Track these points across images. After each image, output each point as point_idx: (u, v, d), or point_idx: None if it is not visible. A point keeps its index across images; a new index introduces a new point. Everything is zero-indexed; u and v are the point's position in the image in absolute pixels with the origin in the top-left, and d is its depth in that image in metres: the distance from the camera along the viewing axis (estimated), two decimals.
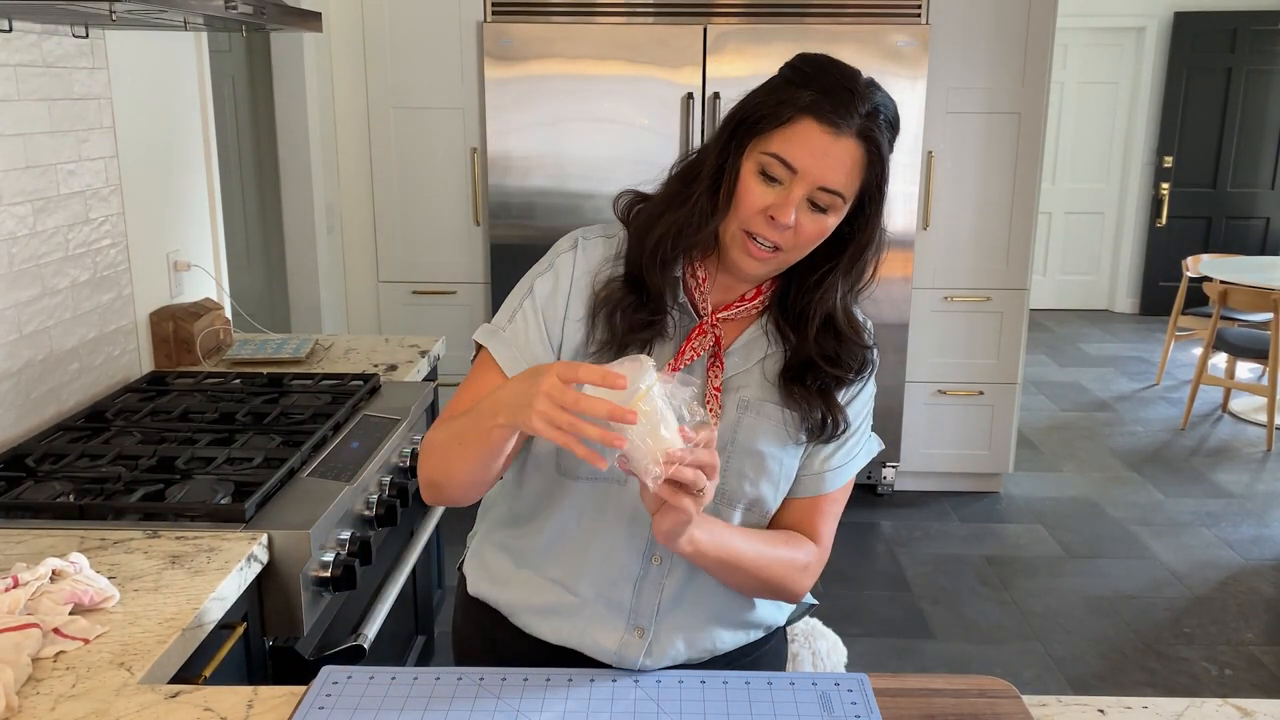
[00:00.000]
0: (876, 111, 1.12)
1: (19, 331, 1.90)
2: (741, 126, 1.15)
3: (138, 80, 2.30)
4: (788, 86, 1.13)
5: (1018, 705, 1.12)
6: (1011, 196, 3.82)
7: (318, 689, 1.13)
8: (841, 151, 1.11)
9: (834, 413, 1.23)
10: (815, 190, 1.12)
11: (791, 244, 1.14)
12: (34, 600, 1.25)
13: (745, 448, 1.20)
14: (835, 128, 1.10)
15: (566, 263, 1.23)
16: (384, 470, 1.92)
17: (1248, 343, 5.06)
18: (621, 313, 1.18)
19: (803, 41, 3.55)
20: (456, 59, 3.69)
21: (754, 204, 1.13)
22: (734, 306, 1.22)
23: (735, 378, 1.22)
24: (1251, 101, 7.09)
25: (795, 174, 1.11)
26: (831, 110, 1.10)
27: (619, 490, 1.19)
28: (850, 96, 1.11)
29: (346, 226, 3.90)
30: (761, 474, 1.21)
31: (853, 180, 1.13)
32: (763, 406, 1.21)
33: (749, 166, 1.13)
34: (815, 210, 1.13)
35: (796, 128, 1.11)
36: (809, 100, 1.11)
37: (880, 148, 1.13)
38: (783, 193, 1.12)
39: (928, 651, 3.02)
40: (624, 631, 1.21)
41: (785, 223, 1.11)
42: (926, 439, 4.04)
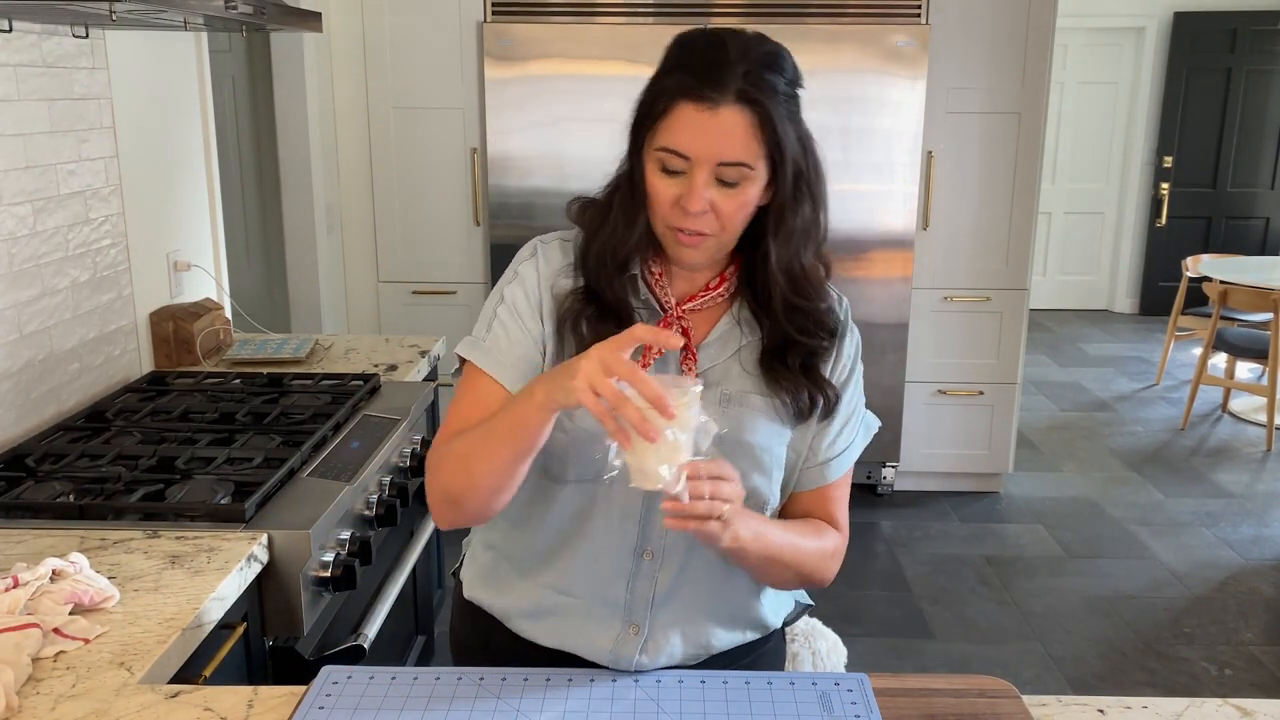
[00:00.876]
0: (753, 70, 1.09)
1: (19, 331, 1.90)
2: (637, 128, 1.15)
3: (138, 80, 2.30)
4: (661, 77, 1.13)
5: (1018, 705, 1.12)
6: (1011, 196, 3.82)
7: (318, 689, 1.13)
8: (725, 123, 1.08)
9: (821, 389, 1.22)
10: (716, 168, 1.10)
11: (717, 226, 1.13)
12: (34, 600, 1.25)
13: (733, 441, 1.19)
14: (710, 102, 1.08)
15: (530, 271, 1.24)
16: (384, 470, 1.92)
17: (1248, 343, 5.06)
18: (586, 323, 1.18)
19: (803, 41, 3.56)
20: (456, 59, 3.69)
21: (663, 200, 1.13)
22: (698, 297, 1.22)
23: (713, 371, 1.21)
24: (1251, 101, 7.09)
25: (689, 160, 1.10)
26: (701, 87, 1.08)
27: (606, 491, 1.19)
28: (717, 67, 1.09)
29: (346, 226, 3.90)
30: (753, 466, 1.20)
31: (751, 145, 1.10)
32: (746, 398, 1.20)
33: (650, 166, 1.13)
34: (726, 186, 1.11)
35: (674, 115, 1.10)
36: (678, 83, 1.10)
37: (766, 106, 1.09)
38: (685, 181, 1.11)
39: (928, 651, 3.02)
40: (619, 629, 1.21)
41: (696, 209, 1.10)
42: (926, 439, 4.04)
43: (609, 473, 1.02)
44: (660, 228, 1.16)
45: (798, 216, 1.16)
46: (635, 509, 1.19)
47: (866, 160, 3.68)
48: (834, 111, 3.63)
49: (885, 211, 3.73)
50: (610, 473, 1.02)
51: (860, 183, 3.70)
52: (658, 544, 1.20)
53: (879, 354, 3.83)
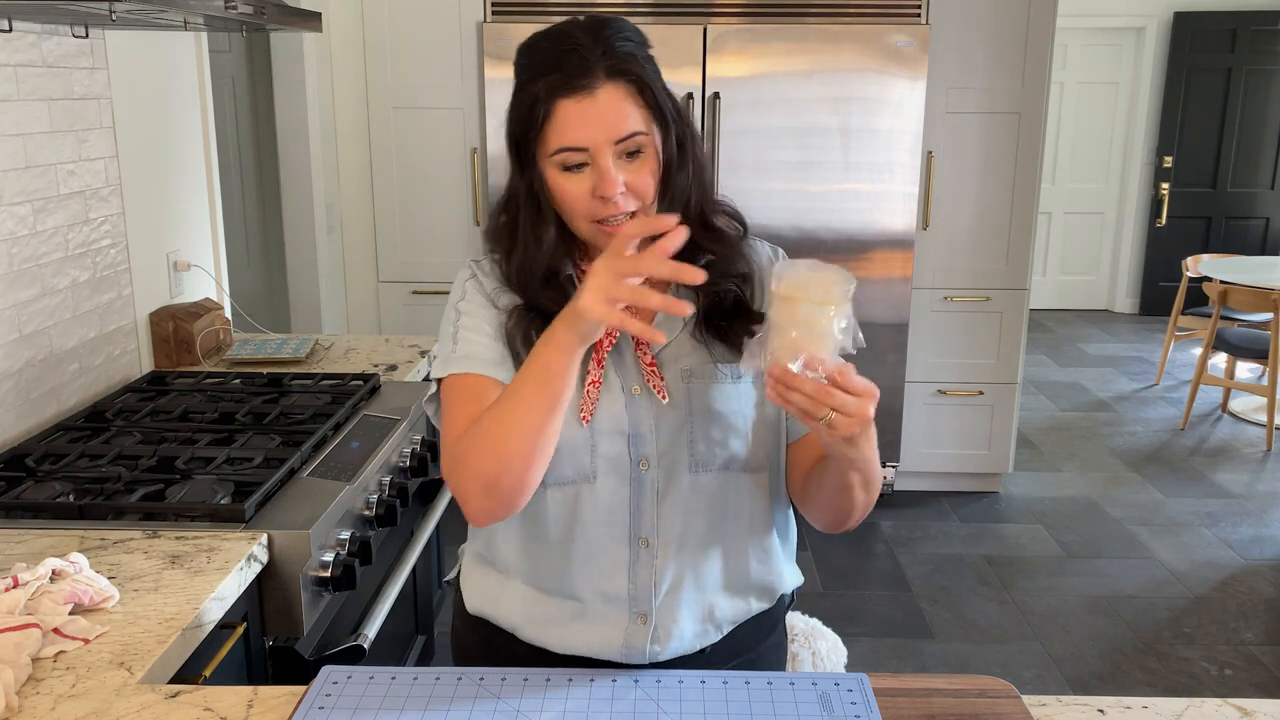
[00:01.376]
0: (609, 46, 1.11)
1: (19, 331, 1.90)
2: (519, 147, 1.16)
3: (138, 80, 2.30)
4: (526, 86, 1.13)
5: (1018, 705, 1.12)
6: (1011, 196, 3.82)
7: (318, 689, 1.13)
8: (607, 102, 1.10)
9: (756, 321, 1.20)
10: (615, 147, 1.11)
11: (635, 200, 1.13)
12: (34, 600, 1.25)
13: (704, 412, 1.20)
14: (586, 90, 1.09)
15: (474, 289, 1.25)
16: (384, 470, 1.92)
17: (1248, 343, 5.06)
18: (535, 333, 1.16)
19: (803, 41, 3.56)
20: (456, 59, 3.69)
21: (578, 198, 1.13)
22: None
23: (667, 349, 1.22)
24: (1251, 101, 7.09)
25: (588, 150, 1.10)
26: (571, 80, 1.09)
27: (590, 487, 1.19)
28: (578, 54, 1.10)
29: (346, 226, 3.90)
30: (728, 431, 1.21)
31: (638, 113, 1.11)
32: (705, 369, 1.21)
33: (551, 174, 1.13)
34: (631, 158, 1.12)
35: (557, 116, 1.10)
36: (547, 86, 1.10)
37: (637, 73, 1.11)
38: (592, 173, 1.11)
39: (928, 651, 3.02)
40: (627, 622, 1.21)
41: (613, 192, 1.10)
42: (926, 439, 4.04)
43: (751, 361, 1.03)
44: (585, 227, 1.15)
45: (683, 173, 1.17)
46: (624, 498, 1.20)
47: (866, 160, 3.68)
48: (834, 111, 3.63)
49: (885, 211, 3.73)
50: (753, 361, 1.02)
51: (860, 183, 3.70)
52: (651, 529, 1.21)
53: (879, 354, 3.84)
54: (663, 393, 1.19)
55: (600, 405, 1.19)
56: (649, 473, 1.20)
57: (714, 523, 1.24)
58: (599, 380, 1.19)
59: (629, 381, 1.20)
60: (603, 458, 1.19)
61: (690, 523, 1.22)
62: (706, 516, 1.23)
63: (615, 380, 1.20)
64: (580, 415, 1.18)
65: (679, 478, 1.21)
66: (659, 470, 1.20)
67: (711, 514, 1.23)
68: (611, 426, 1.19)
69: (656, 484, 1.20)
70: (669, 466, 1.21)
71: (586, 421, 1.18)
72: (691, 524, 1.22)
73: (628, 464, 1.20)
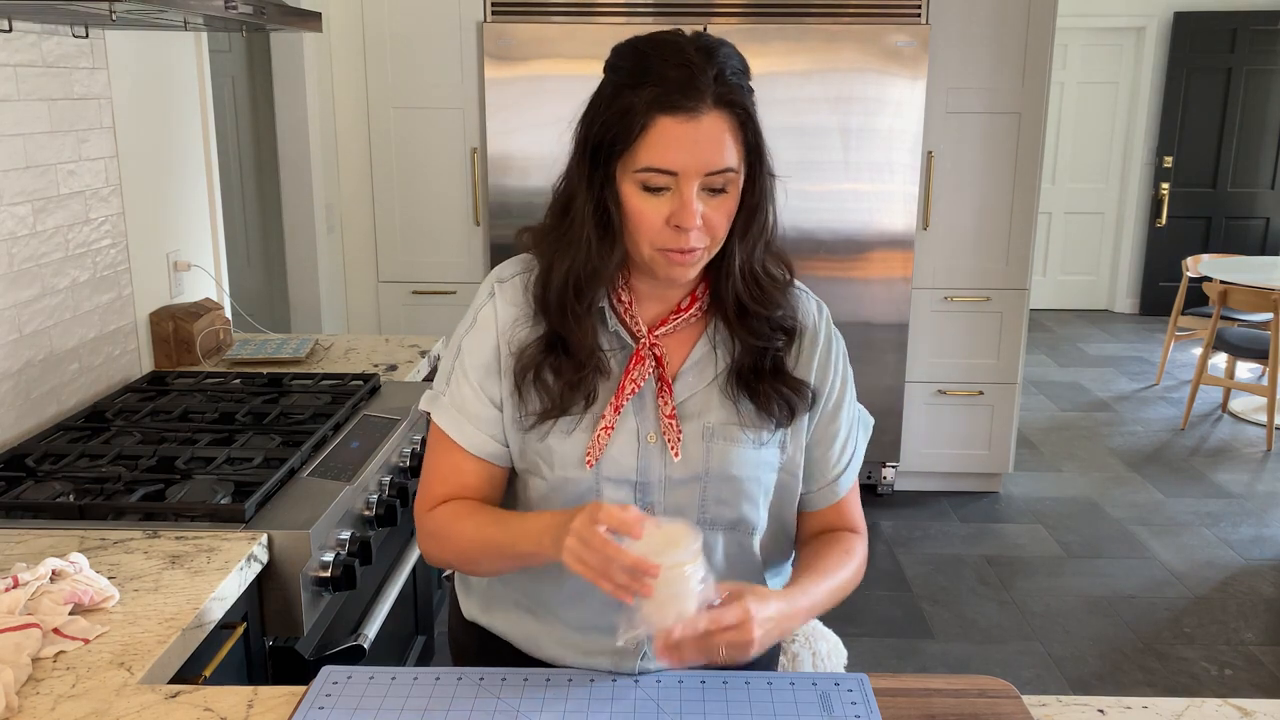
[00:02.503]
0: (722, 72, 1.05)
1: (19, 331, 1.90)
2: (599, 152, 1.08)
3: (138, 80, 2.30)
4: (624, 92, 1.06)
5: (1018, 705, 1.12)
6: (1011, 196, 3.82)
7: (318, 689, 1.13)
8: (709, 130, 1.04)
9: (793, 387, 1.17)
10: (704, 179, 1.06)
11: (708, 238, 1.09)
12: (34, 600, 1.25)
13: (720, 475, 1.16)
14: (692, 112, 1.03)
15: (487, 316, 1.19)
16: (384, 470, 1.92)
17: (1248, 343, 5.06)
18: (549, 371, 1.13)
19: (803, 41, 3.56)
20: (456, 59, 3.69)
21: (652, 222, 1.07)
22: (670, 320, 1.17)
23: (691, 401, 1.16)
24: (1251, 101, 7.09)
25: (676, 175, 1.05)
26: (679, 96, 1.03)
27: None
28: (689, 72, 1.04)
29: (346, 226, 3.90)
30: (740, 496, 1.18)
31: (736, 149, 1.07)
32: (728, 430, 1.16)
33: (628, 190, 1.07)
34: (714, 194, 1.07)
35: (654, 132, 1.04)
36: (651, 97, 1.04)
37: (745, 106, 1.07)
38: (675, 198, 1.06)
39: (928, 651, 3.02)
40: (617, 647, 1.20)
41: (693, 225, 1.06)
42: (926, 439, 4.04)
43: (630, 632, 1.02)
44: (647, 251, 1.09)
45: (763, 216, 1.13)
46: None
47: (866, 160, 3.68)
48: (834, 111, 3.63)
49: (885, 211, 3.73)
50: (633, 631, 1.02)
51: (860, 183, 3.70)
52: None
53: (879, 354, 3.83)
54: (676, 449, 1.15)
55: (610, 451, 1.15)
56: None
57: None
58: (611, 427, 1.14)
59: (645, 428, 1.16)
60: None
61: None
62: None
63: (631, 425, 1.16)
64: (586, 460, 1.14)
65: None
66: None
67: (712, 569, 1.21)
68: (618, 475, 1.16)
69: None
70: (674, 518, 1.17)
71: (591, 466, 1.15)
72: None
73: None
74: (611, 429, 1.14)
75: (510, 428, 1.18)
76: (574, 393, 1.13)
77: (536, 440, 1.16)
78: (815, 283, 1.30)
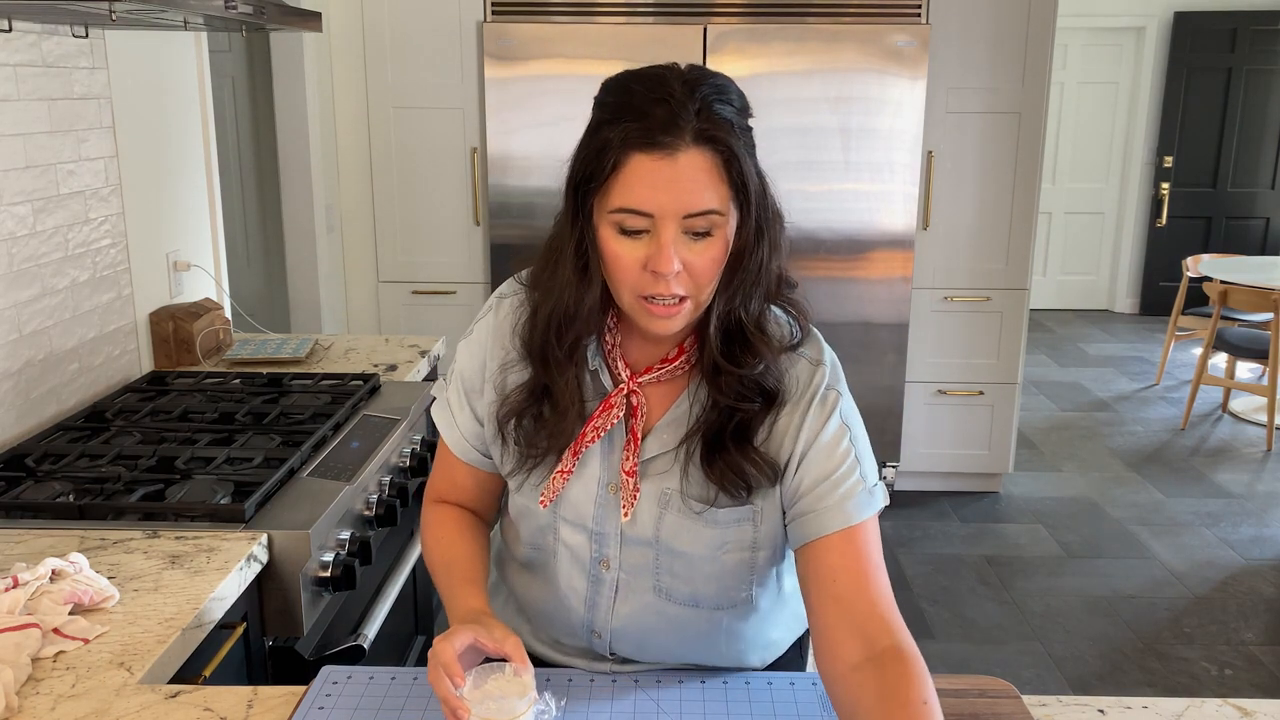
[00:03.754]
0: (706, 106, 0.97)
1: (19, 331, 1.90)
2: (580, 190, 1.01)
3: (138, 80, 2.30)
4: (602, 128, 0.99)
5: (1018, 705, 1.12)
6: (1011, 196, 3.82)
7: (317, 689, 1.13)
8: (688, 169, 0.96)
9: (752, 461, 1.05)
10: (684, 221, 0.97)
11: (692, 287, 1.00)
12: (34, 600, 1.25)
13: (669, 549, 1.11)
14: (668, 149, 0.95)
15: (481, 330, 1.18)
16: (384, 470, 1.92)
17: (1248, 343, 5.06)
18: (529, 417, 1.10)
19: (803, 41, 3.56)
20: (456, 59, 3.69)
21: (629, 267, 0.99)
22: (655, 370, 1.10)
23: (658, 460, 1.10)
24: (1251, 101, 7.09)
25: (652, 218, 0.97)
26: (653, 133, 0.95)
27: (552, 564, 1.18)
28: (668, 107, 0.96)
29: (346, 226, 3.90)
30: (695, 572, 1.12)
31: (719, 189, 0.97)
32: (685, 501, 1.08)
33: (605, 232, 1.00)
34: (697, 239, 0.99)
35: (627, 170, 0.96)
36: (626, 134, 0.96)
37: (729, 143, 0.97)
38: (652, 242, 0.98)
39: (928, 651, 3.00)
40: (584, 639, 1.21)
41: (668, 270, 0.97)
42: (926, 439, 4.04)
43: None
44: (628, 299, 1.02)
45: (754, 262, 1.03)
46: (581, 591, 1.17)
47: (866, 160, 3.68)
48: (834, 111, 3.63)
49: (885, 211, 3.73)
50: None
51: (860, 183, 3.70)
52: (604, 626, 1.18)
53: (879, 354, 3.83)
54: (627, 509, 1.09)
55: (567, 494, 1.12)
56: (609, 573, 1.14)
57: (677, 643, 1.18)
58: (568, 471, 1.10)
59: (608, 477, 1.11)
60: (563, 544, 1.15)
61: (649, 636, 1.17)
62: (668, 637, 1.17)
63: (594, 472, 1.11)
64: (540, 500, 1.12)
65: (642, 594, 1.14)
66: (621, 574, 1.14)
67: (674, 636, 1.17)
68: (575, 519, 1.13)
69: (616, 585, 1.15)
70: (633, 577, 1.14)
71: (544, 505, 1.13)
72: (651, 638, 1.17)
73: (587, 558, 1.14)
74: (568, 474, 1.10)
75: (491, 440, 1.18)
76: (554, 441, 1.10)
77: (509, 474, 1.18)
78: (815, 283, 1.29)
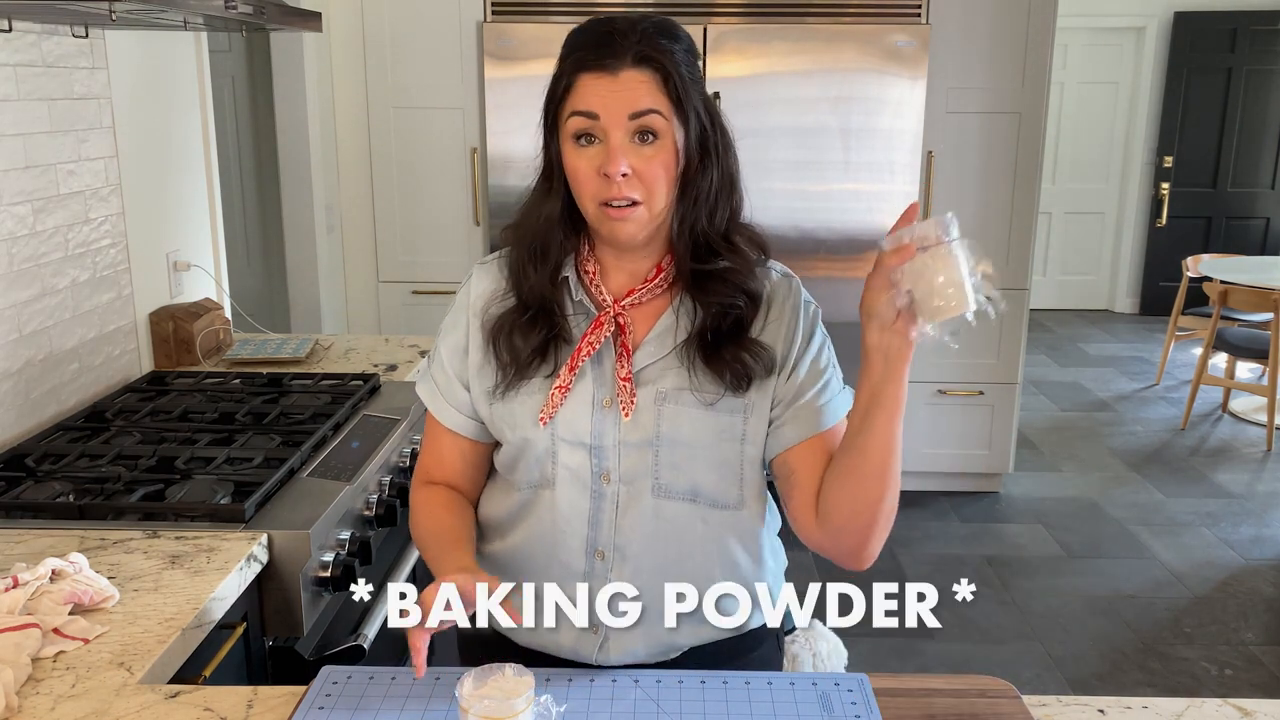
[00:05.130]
0: (646, 36, 1.11)
1: (19, 331, 1.90)
2: (547, 118, 1.16)
3: (138, 80, 2.30)
4: (559, 64, 1.14)
5: (1018, 705, 1.12)
6: (1011, 196, 3.82)
7: (318, 689, 1.13)
8: (628, 82, 1.09)
9: (751, 350, 1.16)
10: (629, 124, 1.10)
11: (643, 191, 1.11)
12: (34, 600, 1.25)
13: (671, 439, 1.17)
14: (609, 69, 1.10)
15: (461, 298, 1.27)
16: (384, 470, 1.92)
17: (1248, 343, 5.06)
18: (517, 332, 1.18)
19: (803, 41, 3.56)
20: (456, 59, 3.69)
21: (586, 174, 1.12)
22: (636, 291, 1.19)
23: (650, 369, 1.18)
24: (1251, 101, 7.09)
25: (598, 120, 1.10)
26: (597, 57, 1.10)
27: (549, 494, 1.20)
28: (610, 38, 1.10)
29: (346, 226, 3.90)
30: (694, 461, 1.18)
31: (659, 99, 1.10)
32: (680, 395, 1.17)
33: (566, 147, 1.13)
34: (644, 143, 1.11)
35: (577, 87, 1.11)
36: (576, 62, 1.11)
37: (665, 62, 1.11)
38: (602, 147, 1.11)
39: (928, 651, 3.02)
40: (576, 629, 1.19)
41: (617, 170, 1.09)
42: (926, 439, 4.04)
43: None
44: (591, 209, 1.14)
45: (705, 178, 1.15)
46: (582, 509, 1.19)
47: (866, 160, 3.68)
48: (834, 111, 3.62)
49: (885, 211, 3.73)
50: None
51: (860, 183, 3.70)
52: (608, 544, 1.20)
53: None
54: (627, 410, 1.16)
55: (564, 413, 1.18)
56: (610, 487, 1.19)
57: (676, 553, 1.20)
58: (566, 387, 1.17)
59: (602, 393, 1.18)
60: (563, 466, 1.19)
61: (650, 546, 1.20)
62: (668, 544, 1.20)
63: (588, 390, 1.18)
64: (539, 418, 1.17)
65: (641, 499, 1.19)
66: (621, 486, 1.19)
67: (674, 543, 1.20)
68: (573, 436, 1.18)
69: (618, 499, 1.19)
70: (631, 485, 1.19)
71: (544, 424, 1.17)
72: (651, 547, 1.20)
73: (588, 475, 1.19)
74: (566, 389, 1.17)
75: (480, 400, 1.23)
76: (537, 354, 1.18)
77: (501, 404, 1.21)
78: (815, 283, 1.30)
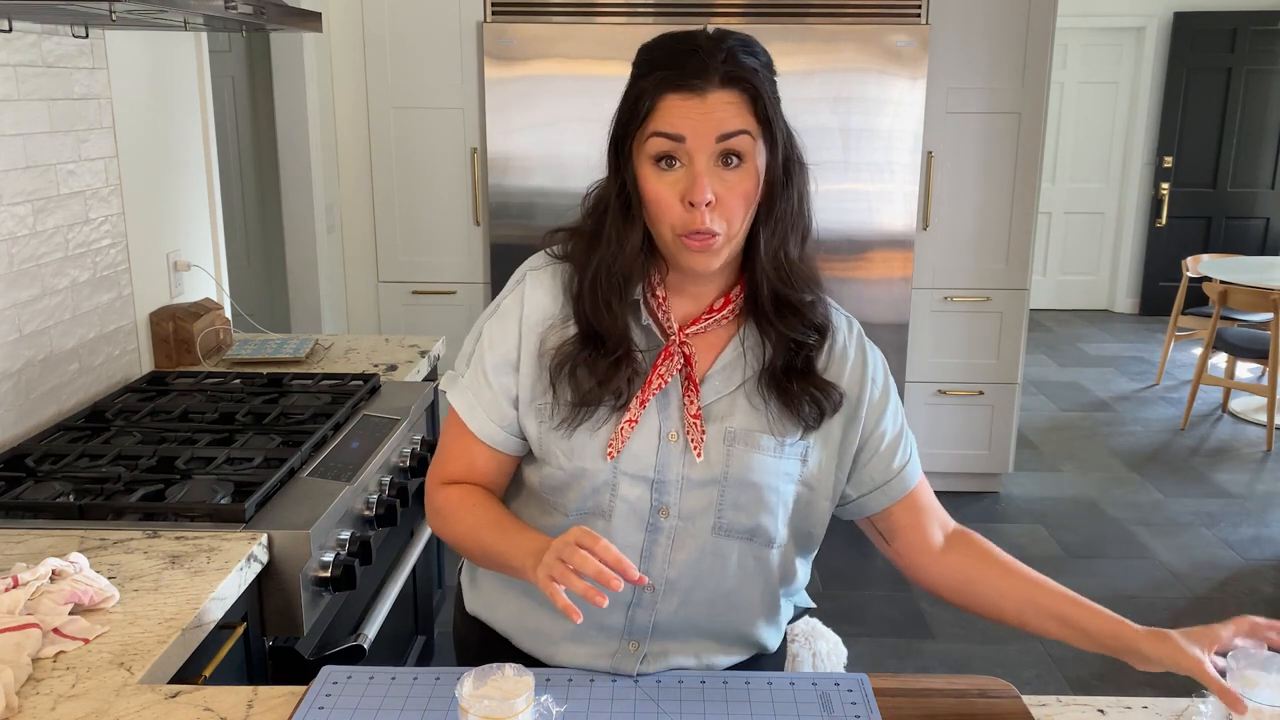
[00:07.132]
0: (732, 54, 1.07)
1: (19, 331, 1.90)
2: (619, 143, 1.11)
3: (138, 80, 2.30)
4: (638, 82, 1.09)
5: (1018, 705, 1.12)
6: (1011, 196, 3.82)
7: (318, 689, 1.13)
8: (716, 104, 1.05)
9: (822, 389, 1.15)
10: (715, 146, 1.05)
11: (724, 221, 1.07)
12: (34, 600, 1.25)
13: (739, 480, 1.15)
14: (697, 90, 1.05)
15: (511, 305, 1.20)
16: (384, 470, 1.92)
17: (1248, 343, 5.06)
18: (583, 368, 1.13)
19: (803, 41, 3.56)
20: (456, 59, 3.69)
21: (667, 201, 1.07)
22: (702, 320, 1.16)
23: (717, 404, 1.16)
24: (1251, 101, 7.09)
25: (684, 142, 1.05)
26: (685, 77, 1.05)
27: (603, 524, 1.16)
28: (697, 56, 1.05)
29: (346, 226, 3.90)
30: (759, 506, 1.16)
31: (747, 120, 1.06)
32: (750, 436, 1.15)
33: (644, 171, 1.08)
34: (729, 168, 1.07)
35: (661, 107, 1.06)
36: (659, 81, 1.06)
37: (755, 83, 1.07)
38: (685, 173, 1.06)
39: (928, 651, 3.02)
40: (619, 645, 1.20)
41: (703, 198, 1.05)
42: (926, 439, 4.04)
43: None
44: (668, 237, 1.09)
45: (787, 201, 1.12)
46: (636, 542, 1.17)
47: (866, 160, 3.68)
48: (834, 111, 3.63)
49: (885, 211, 3.73)
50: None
51: (860, 183, 3.70)
52: (660, 576, 1.18)
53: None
54: (699, 449, 1.14)
55: (630, 446, 1.14)
56: (668, 521, 1.16)
57: (725, 585, 1.20)
58: (635, 420, 1.14)
59: (668, 427, 1.15)
60: (622, 500, 1.16)
61: (701, 579, 1.19)
62: (720, 580, 1.19)
63: (654, 423, 1.15)
64: (607, 451, 1.14)
65: (699, 536, 1.17)
66: (680, 521, 1.16)
67: (724, 576, 1.19)
68: (636, 470, 1.15)
69: (673, 534, 1.17)
70: (691, 521, 1.16)
71: (612, 458, 1.14)
72: (702, 581, 1.19)
73: (647, 509, 1.16)
74: (635, 423, 1.14)
75: (529, 418, 1.18)
76: (605, 388, 1.13)
77: (560, 433, 1.16)
78: None
